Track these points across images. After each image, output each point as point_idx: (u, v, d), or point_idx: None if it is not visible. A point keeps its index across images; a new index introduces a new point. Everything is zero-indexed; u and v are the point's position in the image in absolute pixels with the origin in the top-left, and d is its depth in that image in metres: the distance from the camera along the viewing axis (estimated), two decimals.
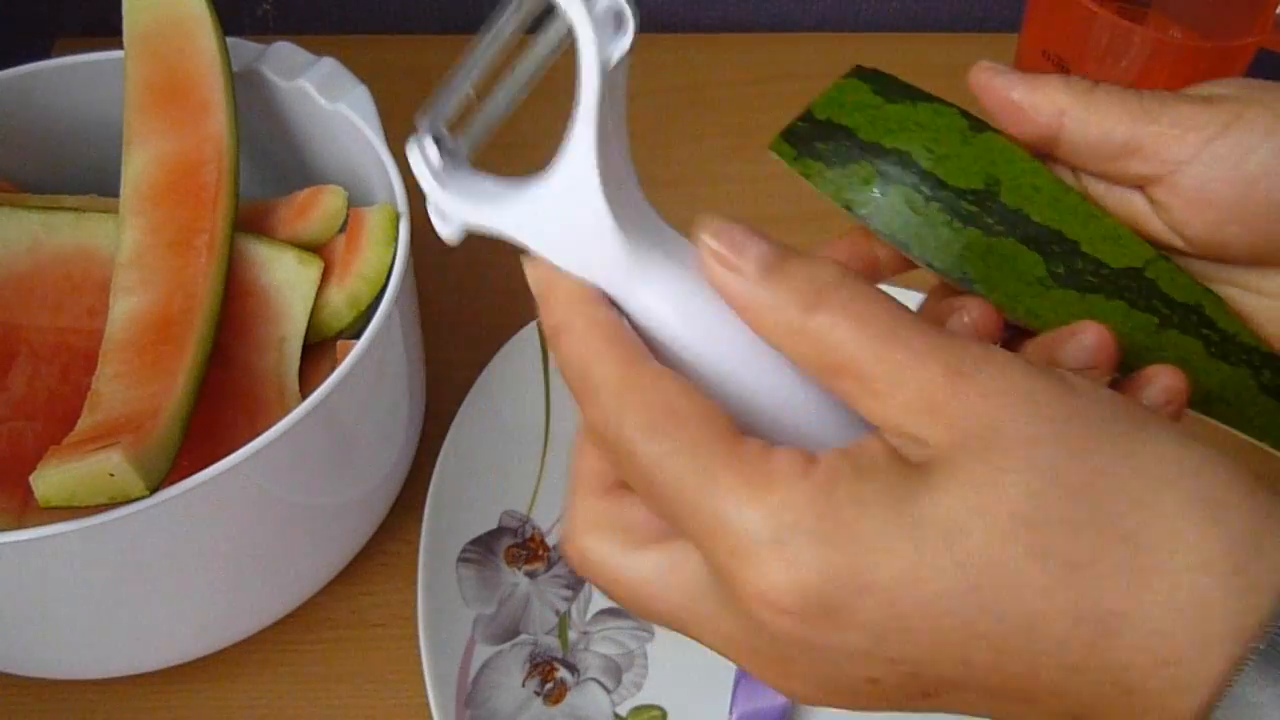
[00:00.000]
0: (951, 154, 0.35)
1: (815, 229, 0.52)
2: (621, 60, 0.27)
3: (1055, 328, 0.35)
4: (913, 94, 0.36)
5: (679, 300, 0.29)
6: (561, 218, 0.28)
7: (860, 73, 0.38)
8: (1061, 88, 0.35)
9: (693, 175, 0.72)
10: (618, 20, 0.27)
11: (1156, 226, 0.35)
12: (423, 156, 0.30)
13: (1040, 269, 0.36)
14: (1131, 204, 0.36)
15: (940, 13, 0.84)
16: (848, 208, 0.36)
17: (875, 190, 0.36)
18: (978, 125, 0.36)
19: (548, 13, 0.28)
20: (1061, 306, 0.36)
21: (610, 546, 0.30)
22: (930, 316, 0.36)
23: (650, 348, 0.29)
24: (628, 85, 0.29)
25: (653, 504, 0.29)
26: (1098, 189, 0.36)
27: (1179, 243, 0.35)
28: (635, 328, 0.29)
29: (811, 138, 0.37)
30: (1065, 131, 0.35)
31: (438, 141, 0.30)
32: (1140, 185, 0.35)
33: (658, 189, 0.37)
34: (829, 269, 0.28)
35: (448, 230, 0.30)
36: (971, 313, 0.35)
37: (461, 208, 0.30)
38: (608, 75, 0.27)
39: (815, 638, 0.27)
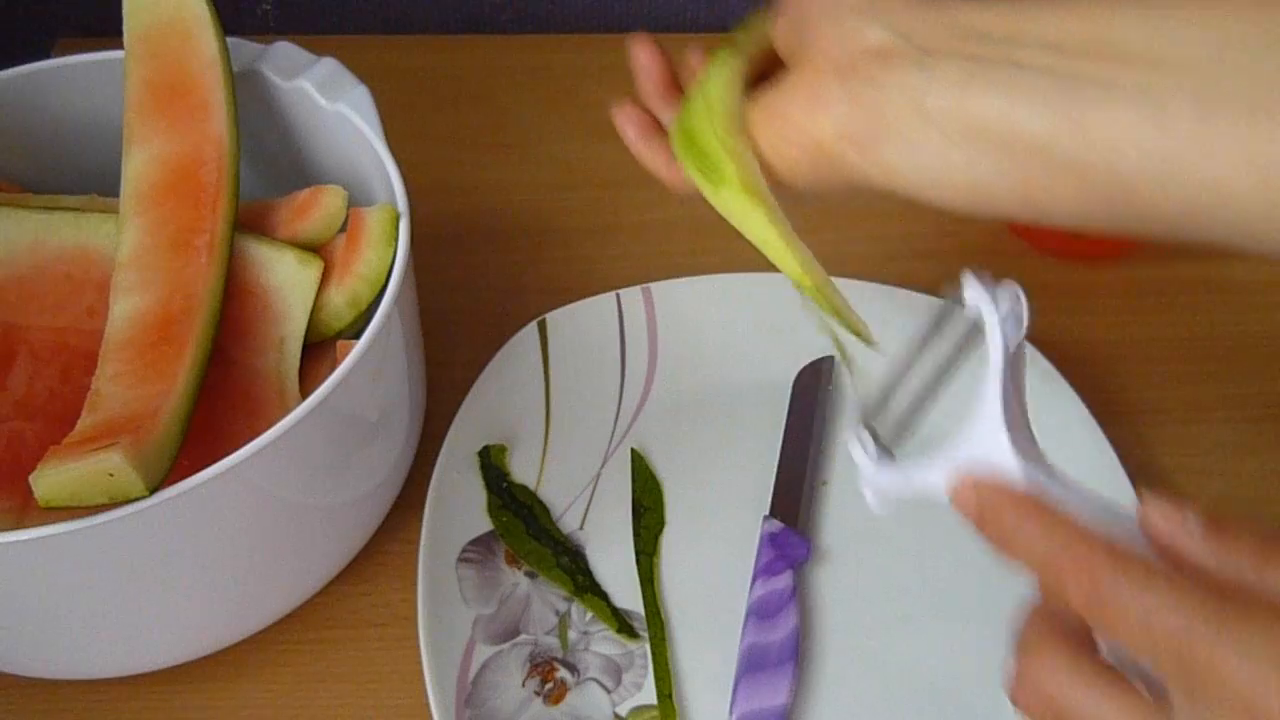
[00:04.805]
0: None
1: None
2: (1019, 346, 0.37)
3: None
4: None
5: None
6: (974, 462, 0.35)
7: None
8: None
9: None
10: (1017, 319, 0.36)
11: None
12: (864, 450, 0.38)
13: None
14: None
15: None
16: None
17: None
18: None
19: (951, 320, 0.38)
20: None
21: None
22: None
23: None
24: (1025, 362, 0.38)
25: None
26: None
27: None
28: None
29: None
30: None
31: (874, 436, 0.38)
32: None
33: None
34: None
35: (880, 502, 0.38)
36: None
37: (895, 483, 0.37)
38: (1010, 356, 0.36)
39: None
